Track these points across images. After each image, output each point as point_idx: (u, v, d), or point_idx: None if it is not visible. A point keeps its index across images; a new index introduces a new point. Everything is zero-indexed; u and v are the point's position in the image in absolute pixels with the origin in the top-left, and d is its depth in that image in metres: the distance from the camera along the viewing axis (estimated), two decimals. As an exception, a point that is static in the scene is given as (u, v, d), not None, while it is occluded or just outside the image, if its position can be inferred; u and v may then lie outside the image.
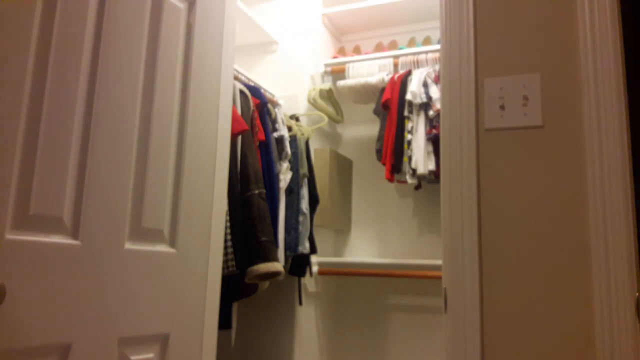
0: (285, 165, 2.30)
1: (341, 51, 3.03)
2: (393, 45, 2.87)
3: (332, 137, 2.97)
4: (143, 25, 1.37)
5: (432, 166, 2.35)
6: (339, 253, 2.90)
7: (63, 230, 1.13)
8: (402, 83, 2.50)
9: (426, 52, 2.58)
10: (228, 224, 1.87)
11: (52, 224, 1.11)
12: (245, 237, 1.96)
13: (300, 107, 2.69)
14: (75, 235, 1.15)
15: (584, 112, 1.18)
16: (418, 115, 2.42)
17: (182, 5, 1.51)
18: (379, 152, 2.54)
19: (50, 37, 1.12)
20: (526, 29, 1.26)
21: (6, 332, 0.99)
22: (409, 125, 2.43)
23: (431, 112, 2.39)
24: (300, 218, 2.36)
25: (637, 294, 1.07)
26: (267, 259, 1.98)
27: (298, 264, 2.41)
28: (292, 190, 2.35)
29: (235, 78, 2.04)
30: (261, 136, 2.18)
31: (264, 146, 2.20)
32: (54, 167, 1.11)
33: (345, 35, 3.14)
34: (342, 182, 2.81)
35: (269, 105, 2.30)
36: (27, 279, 1.03)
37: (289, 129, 2.42)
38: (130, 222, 1.30)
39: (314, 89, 2.67)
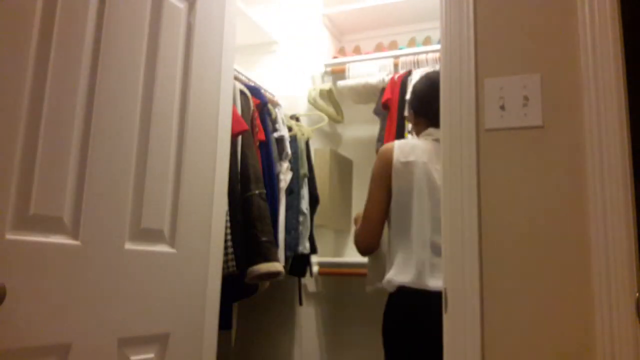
0: (285, 165, 2.30)
1: (341, 51, 3.03)
2: (393, 45, 2.87)
3: (332, 137, 2.97)
4: (143, 25, 1.37)
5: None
6: (339, 253, 2.90)
7: (63, 230, 1.13)
8: (403, 83, 2.50)
9: (426, 52, 2.58)
10: (228, 224, 1.87)
11: (52, 224, 1.11)
12: (245, 237, 1.95)
13: (301, 107, 2.69)
14: (75, 236, 1.15)
15: (584, 112, 1.18)
16: (418, 115, 2.42)
17: (182, 5, 1.51)
18: (379, 152, 2.54)
19: (50, 37, 1.12)
20: (526, 29, 1.26)
21: (6, 332, 0.99)
22: (409, 125, 2.43)
23: (431, 112, 2.38)
24: (301, 218, 2.36)
25: (637, 294, 1.07)
26: (267, 259, 1.98)
27: (298, 264, 2.41)
28: (292, 191, 2.35)
29: (235, 78, 2.04)
30: (261, 136, 2.18)
31: (264, 146, 2.20)
32: (54, 167, 1.11)
33: (345, 36, 3.13)
34: (342, 182, 2.80)
35: (269, 106, 2.30)
36: (27, 279, 1.04)
37: (289, 129, 2.42)
38: (130, 222, 1.30)
39: (314, 89, 2.67)
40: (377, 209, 1.72)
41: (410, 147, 1.74)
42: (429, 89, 1.81)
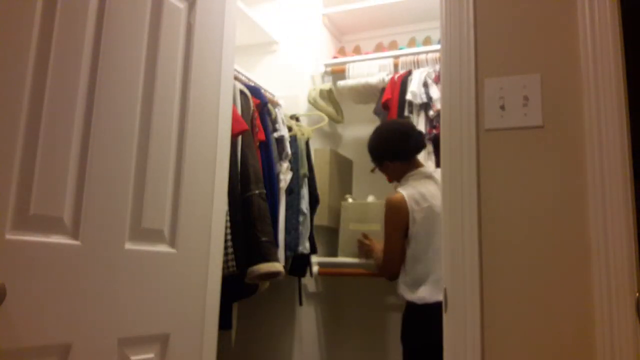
0: (285, 165, 2.30)
1: (341, 51, 3.03)
2: (393, 45, 2.87)
3: (332, 137, 2.97)
4: (143, 26, 1.37)
5: (432, 166, 2.35)
6: (338, 253, 2.90)
7: (63, 230, 1.13)
8: (403, 83, 2.50)
9: (426, 52, 2.58)
10: (228, 224, 1.87)
11: (52, 224, 1.11)
12: (245, 237, 1.95)
13: (301, 107, 2.69)
14: (75, 235, 1.15)
15: (584, 112, 1.18)
16: (418, 115, 2.42)
17: (182, 5, 1.51)
18: (379, 152, 2.54)
19: (50, 37, 1.11)
20: (526, 29, 1.26)
21: (6, 332, 0.99)
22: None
23: (431, 112, 2.38)
24: (301, 218, 2.36)
25: (637, 294, 1.07)
26: (267, 259, 1.98)
27: (298, 264, 2.41)
28: (292, 190, 2.35)
29: (236, 78, 2.04)
30: (261, 136, 2.18)
31: (264, 146, 2.20)
32: (54, 167, 1.11)
33: (345, 36, 3.13)
34: (342, 182, 2.80)
35: (269, 106, 2.30)
36: (27, 279, 1.03)
37: (289, 129, 2.42)
38: (131, 222, 1.30)
39: (314, 89, 2.67)
40: (397, 247, 2.07)
41: (420, 195, 2.04)
42: (392, 136, 2.16)
